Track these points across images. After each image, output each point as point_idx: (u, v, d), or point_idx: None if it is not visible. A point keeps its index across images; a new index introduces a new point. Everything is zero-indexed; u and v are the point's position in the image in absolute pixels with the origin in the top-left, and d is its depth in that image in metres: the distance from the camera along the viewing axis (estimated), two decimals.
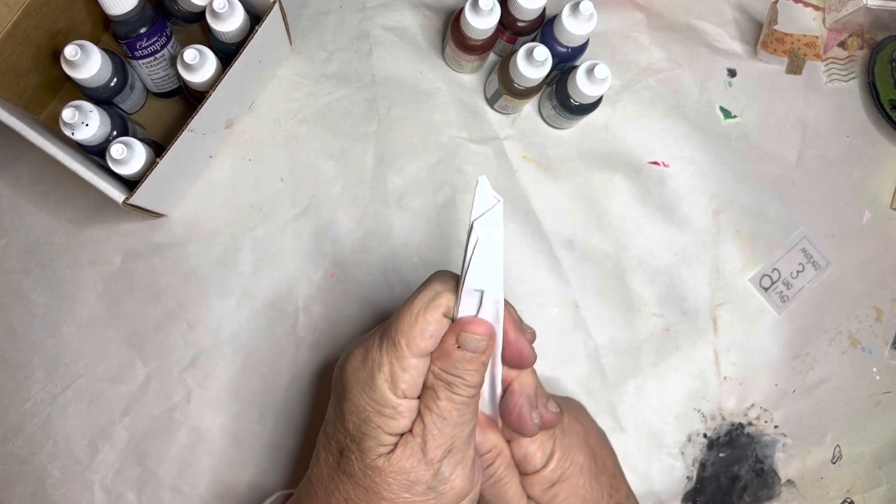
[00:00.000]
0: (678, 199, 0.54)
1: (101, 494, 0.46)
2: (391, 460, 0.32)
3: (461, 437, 0.33)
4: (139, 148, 0.41)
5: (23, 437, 0.46)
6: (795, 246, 0.55)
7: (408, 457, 0.32)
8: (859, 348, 0.55)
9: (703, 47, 0.56)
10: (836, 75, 0.58)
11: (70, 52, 0.40)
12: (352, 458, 0.33)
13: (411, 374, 0.32)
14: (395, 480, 0.32)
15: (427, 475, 0.32)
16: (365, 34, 0.53)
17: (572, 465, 0.38)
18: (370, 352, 0.33)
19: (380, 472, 0.32)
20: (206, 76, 0.43)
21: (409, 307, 0.33)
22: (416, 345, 0.32)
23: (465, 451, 0.33)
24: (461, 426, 0.33)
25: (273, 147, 0.51)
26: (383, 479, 0.32)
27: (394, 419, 0.32)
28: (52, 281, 0.48)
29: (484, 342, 0.32)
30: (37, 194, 0.49)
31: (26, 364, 0.47)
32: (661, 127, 0.55)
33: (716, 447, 0.52)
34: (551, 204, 0.53)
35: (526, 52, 0.46)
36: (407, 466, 0.32)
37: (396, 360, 0.32)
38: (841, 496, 0.53)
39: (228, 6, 0.41)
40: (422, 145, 0.52)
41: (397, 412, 0.32)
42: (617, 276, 0.53)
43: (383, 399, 0.32)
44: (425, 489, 0.32)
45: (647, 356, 0.52)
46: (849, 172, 0.57)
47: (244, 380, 0.48)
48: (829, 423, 0.54)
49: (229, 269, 0.49)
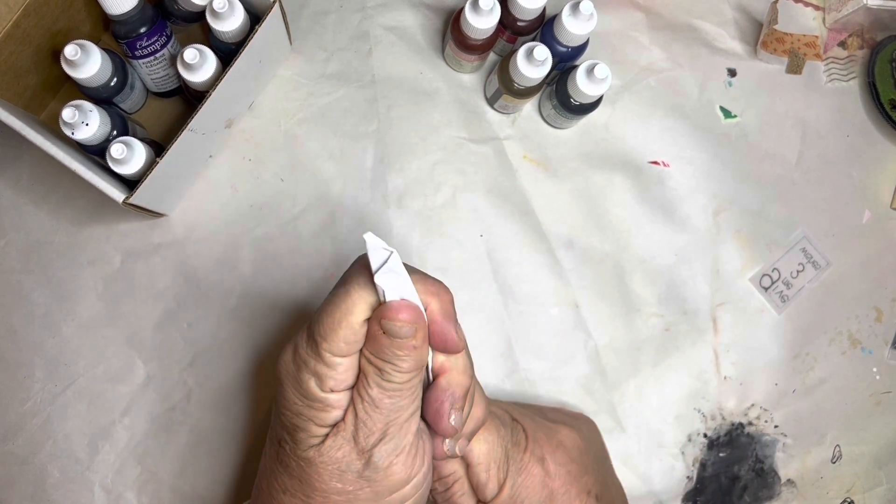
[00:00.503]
0: (678, 199, 0.54)
1: (101, 494, 0.46)
2: (321, 450, 0.31)
3: (396, 424, 0.32)
4: (139, 148, 0.41)
5: (23, 437, 0.46)
6: (795, 246, 0.55)
7: (339, 446, 0.31)
8: (859, 348, 0.55)
9: (704, 47, 0.56)
10: (836, 75, 0.58)
11: (70, 52, 0.40)
12: (286, 450, 0.33)
13: (338, 371, 0.31)
14: (325, 470, 0.31)
15: (358, 464, 0.31)
16: (365, 34, 0.53)
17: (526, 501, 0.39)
18: (298, 349, 0.32)
19: (311, 463, 0.32)
20: (206, 76, 0.43)
21: (329, 310, 0.31)
22: (337, 348, 0.31)
23: (402, 438, 0.32)
24: (396, 412, 0.32)
25: (273, 147, 0.51)
26: (314, 470, 0.31)
27: (324, 412, 0.32)
28: (52, 281, 0.48)
29: (408, 328, 0.31)
30: (37, 194, 0.49)
31: (26, 364, 0.47)
32: (661, 127, 0.55)
33: (716, 447, 0.52)
34: (551, 204, 0.53)
35: (526, 51, 0.46)
36: (338, 456, 0.31)
37: (320, 360, 0.31)
38: (841, 496, 0.53)
39: (228, 6, 0.41)
40: (422, 145, 0.52)
41: (327, 405, 0.32)
42: (617, 276, 0.53)
43: (310, 394, 0.32)
44: (356, 478, 0.31)
45: (647, 356, 0.52)
46: (849, 172, 0.57)
47: (244, 380, 0.48)
48: (829, 423, 0.54)
49: (229, 269, 0.49)
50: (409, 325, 0.31)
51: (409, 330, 0.31)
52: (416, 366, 0.32)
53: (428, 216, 0.51)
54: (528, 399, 0.51)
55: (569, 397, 0.51)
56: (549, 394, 0.51)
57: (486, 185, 0.52)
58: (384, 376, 0.31)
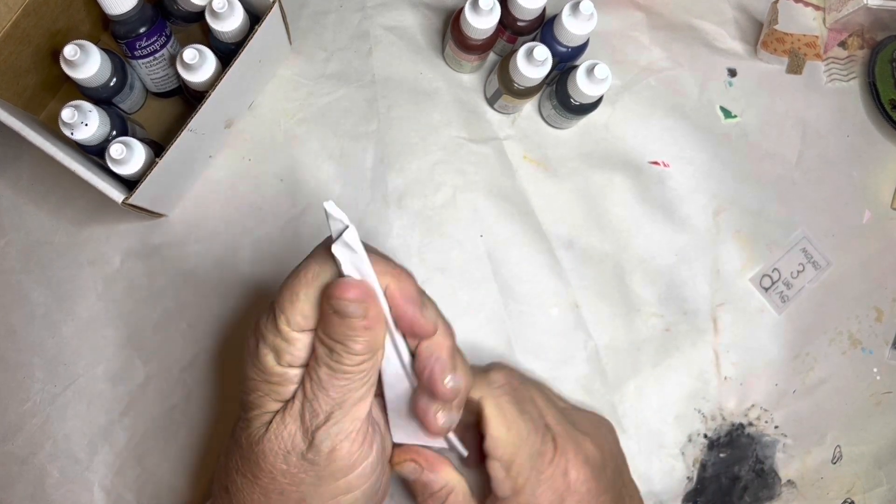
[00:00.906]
0: (678, 199, 0.54)
1: (101, 494, 0.46)
2: (269, 429, 0.31)
3: (343, 408, 0.31)
4: (139, 148, 0.41)
5: (22, 437, 0.46)
6: (795, 246, 0.55)
7: (285, 424, 0.31)
8: (859, 348, 0.55)
9: (704, 47, 0.56)
10: (836, 75, 0.58)
11: (69, 52, 0.40)
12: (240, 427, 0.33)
13: (295, 346, 0.31)
14: (271, 451, 0.31)
15: (303, 445, 0.31)
16: (365, 34, 0.53)
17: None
18: (259, 323, 0.32)
19: (259, 442, 0.31)
20: (206, 76, 0.43)
21: (289, 284, 0.31)
22: (295, 322, 0.31)
23: (348, 423, 0.31)
24: (344, 395, 0.31)
25: (273, 147, 0.51)
26: (261, 449, 0.31)
27: (280, 385, 0.31)
28: (51, 281, 0.48)
29: (356, 307, 0.29)
30: (37, 194, 0.49)
31: (26, 364, 0.47)
32: (661, 127, 0.55)
33: (716, 447, 0.52)
34: (551, 204, 0.53)
35: (526, 51, 0.46)
36: (284, 435, 0.31)
37: (278, 334, 0.31)
38: (841, 496, 0.53)
39: (228, 6, 0.41)
40: (422, 145, 0.52)
41: (283, 379, 0.31)
42: (617, 276, 0.53)
43: (267, 368, 0.31)
44: (299, 460, 0.31)
45: (647, 356, 0.52)
46: (849, 172, 0.57)
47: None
48: (830, 424, 0.54)
49: (229, 269, 0.49)
50: (357, 304, 0.30)
51: (356, 309, 0.30)
52: (368, 348, 0.31)
53: (428, 216, 0.51)
54: None
55: (569, 397, 0.51)
56: None
57: (486, 185, 0.52)
58: (333, 357, 0.30)
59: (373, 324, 0.30)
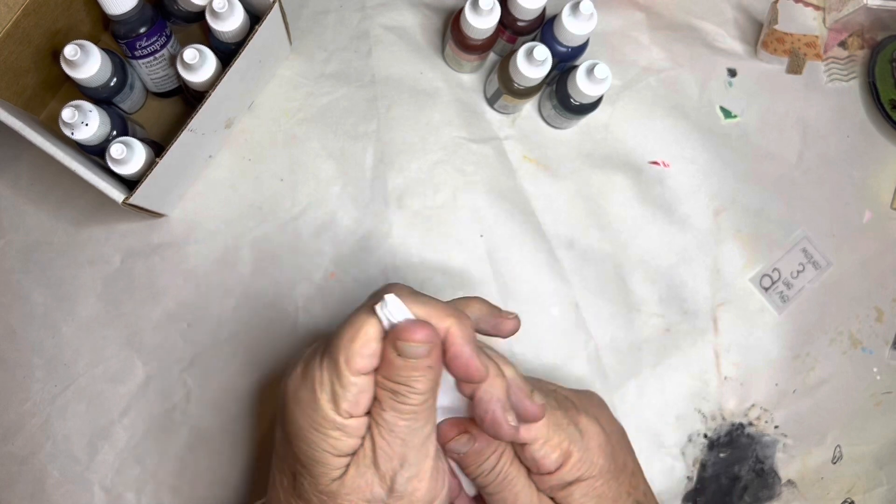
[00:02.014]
0: (678, 199, 0.54)
1: (101, 494, 0.46)
2: (344, 482, 0.31)
3: (414, 447, 0.31)
4: (139, 148, 0.41)
5: (22, 437, 0.46)
6: (796, 246, 0.55)
7: (360, 475, 0.31)
8: (860, 348, 0.55)
9: (704, 47, 0.56)
10: (836, 75, 0.58)
11: (70, 52, 0.40)
12: (304, 484, 0.32)
13: (353, 392, 0.30)
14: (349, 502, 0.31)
15: (382, 492, 0.31)
16: (365, 34, 0.53)
17: (591, 466, 0.36)
18: (310, 369, 0.31)
19: (335, 496, 0.31)
20: (206, 76, 0.43)
21: (350, 322, 0.31)
22: (355, 363, 0.30)
23: (422, 462, 0.31)
24: (412, 434, 0.31)
25: (273, 147, 0.51)
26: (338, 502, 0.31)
27: (340, 440, 0.31)
28: (51, 281, 0.48)
29: (422, 348, 0.30)
30: (36, 194, 0.48)
31: (26, 364, 0.47)
32: (661, 127, 0.55)
33: (716, 447, 0.52)
34: (551, 204, 0.53)
35: (526, 51, 0.46)
36: (361, 484, 0.31)
37: (337, 378, 0.30)
38: (841, 496, 0.53)
39: (228, 6, 0.41)
40: (422, 145, 0.52)
41: (344, 432, 0.31)
42: (617, 276, 0.53)
43: (326, 419, 0.30)
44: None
45: (647, 356, 0.52)
46: (849, 172, 0.57)
47: (244, 380, 0.48)
48: (830, 424, 0.54)
49: (229, 269, 0.49)
50: (425, 345, 0.30)
51: (423, 350, 0.30)
52: (431, 386, 0.31)
53: (428, 216, 0.51)
54: None
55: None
56: None
57: (486, 185, 0.52)
58: (398, 398, 0.31)
59: (435, 363, 0.31)
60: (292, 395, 0.32)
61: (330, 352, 0.31)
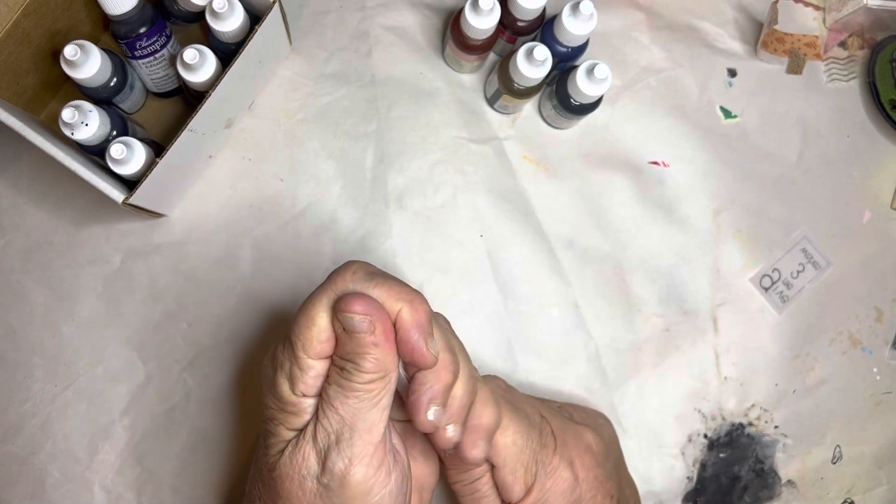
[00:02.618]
0: (678, 199, 0.54)
1: (101, 494, 0.46)
2: (285, 453, 0.31)
3: (356, 429, 0.30)
4: (139, 148, 0.41)
5: (23, 437, 0.46)
6: (796, 246, 0.55)
7: (299, 449, 0.31)
8: (860, 348, 0.55)
9: (704, 47, 0.56)
10: (836, 75, 0.58)
11: (70, 52, 0.40)
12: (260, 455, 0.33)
13: (310, 375, 0.31)
14: (287, 475, 0.31)
15: (317, 468, 0.31)
16: (365, 34, 0.53)
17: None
18: (276, 351, 0.32)
19: (276, 468, 0.31)
20: (206, 76, 0.43)
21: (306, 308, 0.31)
22: (311, 348, 0.31)
23: (360, 446, 0.30)
24: (354, 415, 0.30)
25: (273, 147, 0.51)
26: (278, 475, 0.31)
27: (294, 415, 0.31)
28: (51, 281, 0.48)
29: (362, 320, 0.30)
30: (37, 194, 0.49)
31: (26, 364, 0.47)
32: (661, 127, 0.55)
33: (716, 447, 0.52)
34: (551, 204, 0.53)
35: (526, 51, 0.46)
36: (299, 458, 0.31)
37: (294, 361, 0.31)
38: (841, 497, 0.53)
39: (228, 6, 0.41)
40: (422, 145, 0.52)
41: (298, 408, 0.31)
42: (617, 276, 0.53)
43: (282, 397, 0.32)
44: (314, 484, 0.31)
45: (647, 356, 0.52)
46: (849, 172, 0.57)
47: (244, 380, 0.48)
48: (830, 424, 0.54)
49: (229, 269, 0.49)
50: (365, 318, 0.30)
51: (364, 323, 0.30)
52: (378, 367, 0.31)
53: (428, 216, 0.51)
54: None
55: (569, 397, 0.51)
56: (549, 394, 0.51)
57: (486, 185, 0.52)
58: (343, 374, 0.31)
59: (381, 341, 0.31)
60: (264, 373, 0.33)
61: (289, 337, 0.32)
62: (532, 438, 0.38)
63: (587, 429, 0.42)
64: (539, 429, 0.39)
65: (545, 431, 0.39)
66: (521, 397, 0.41)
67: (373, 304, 0.31)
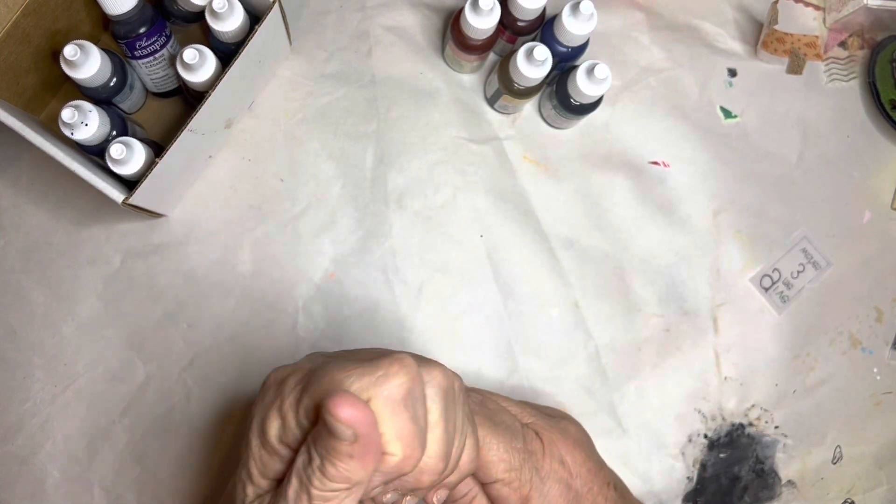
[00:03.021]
0: (678, 199, 0.54)
1: (101, 495, 0.46)
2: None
3: None
4: (139, 148, 0.41)
5: (23, 437, 0.46)
6: (796, 246, 0.55)
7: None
8: (860, 348, 0.55)
9: (704, 47, 0.56)
10: (836, 75, 0.58)
11: (69, 52, 0.40)
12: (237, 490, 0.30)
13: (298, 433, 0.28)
14: None
15: None
16: (365, 34, 0.53)
17: None
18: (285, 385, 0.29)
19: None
20: (206, 76, 0.43)
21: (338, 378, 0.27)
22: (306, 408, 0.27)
23: None
24: None
25: (273, 147, 0.51)
26: None
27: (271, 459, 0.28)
28: (51, 281, 0.48)
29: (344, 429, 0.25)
30: (36, 194, 0.49)
31: (26, 364, 0.47)
32: (661, 127, 0.55)
33: (716, 448, 0.52)
34: (551, 204, 0.53)
35: (526, 51, 0.46)
36: None
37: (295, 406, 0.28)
38: (841, 497, 0.53)
39: (228, 6, 0.41)
40: (422, 145, 0.52)
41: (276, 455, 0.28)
42: (617, 276, 0.53)
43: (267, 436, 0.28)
44: None
45: (647, 356, 0.52)
46: (849, 172, 0.57)
47: (244, 380, 0.48)
48: (830, 424, 0.54)
49: (229, 269, 0.49)
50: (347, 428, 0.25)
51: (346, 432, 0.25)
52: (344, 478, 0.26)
53: (428, 216, 0.51)
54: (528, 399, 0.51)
55: (569, 397, 0.51)
56: (549, 394, 0.51)
57: (486, 185, 0.52)
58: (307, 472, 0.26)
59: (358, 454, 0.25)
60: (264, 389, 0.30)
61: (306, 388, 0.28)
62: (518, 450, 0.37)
63: (567, 421, 0.42)
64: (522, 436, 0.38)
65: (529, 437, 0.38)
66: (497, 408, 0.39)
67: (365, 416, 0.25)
